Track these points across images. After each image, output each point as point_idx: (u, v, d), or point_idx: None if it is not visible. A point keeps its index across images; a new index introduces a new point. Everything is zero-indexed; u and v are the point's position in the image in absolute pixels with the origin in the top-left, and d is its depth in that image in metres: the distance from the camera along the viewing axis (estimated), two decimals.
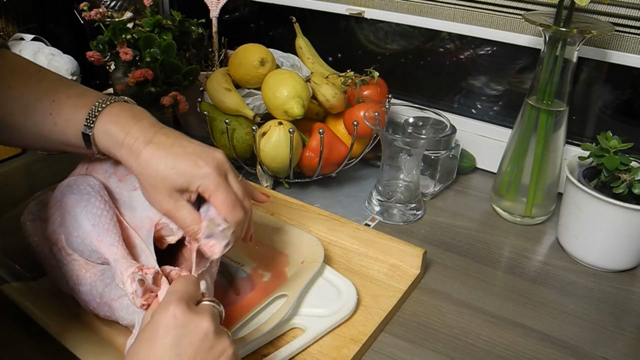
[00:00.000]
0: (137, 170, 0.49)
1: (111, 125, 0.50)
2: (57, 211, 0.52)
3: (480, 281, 0.66)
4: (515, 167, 0.75)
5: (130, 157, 0.49)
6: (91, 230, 0.49)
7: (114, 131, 0.49)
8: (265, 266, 0.62)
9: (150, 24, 0.86)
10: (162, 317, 0.40)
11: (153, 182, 0.48)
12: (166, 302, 0.41)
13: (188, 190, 0.49)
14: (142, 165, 0.49)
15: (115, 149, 0.50)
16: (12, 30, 0.97)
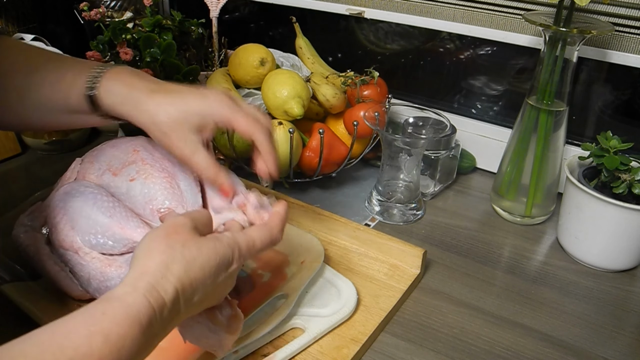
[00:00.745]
0: (146, 121, 0.48)
1: (115, 82, 0.50)
2: (64, 217, 0.52)
3: (480, 281, 0.66)
4: (515, 167, 0.75)
5: (137, 110, 0.49)
6: (109, 221, 0.50)
7: (118, 87, 0.50)
8: (265, 266, 0.62)
9: (150, 24, 0.86)
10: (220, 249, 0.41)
11: (166, 129, 0.48)
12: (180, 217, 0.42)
13: (205, 128, 0.49)
14: (151, 114, 0.48)
15: (121, 105, 0.49)
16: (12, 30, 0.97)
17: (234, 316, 0.47)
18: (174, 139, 0.48)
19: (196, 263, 0.39)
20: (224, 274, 0.41)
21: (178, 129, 0.48)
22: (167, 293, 0.37)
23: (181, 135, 0.48)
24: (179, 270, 0.38)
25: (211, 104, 0.49)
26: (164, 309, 0.36)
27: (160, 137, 0.49)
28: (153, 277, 0.37)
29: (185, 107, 0.49)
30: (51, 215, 0.53)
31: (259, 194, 0.51)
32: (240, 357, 0.50)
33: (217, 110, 0.49)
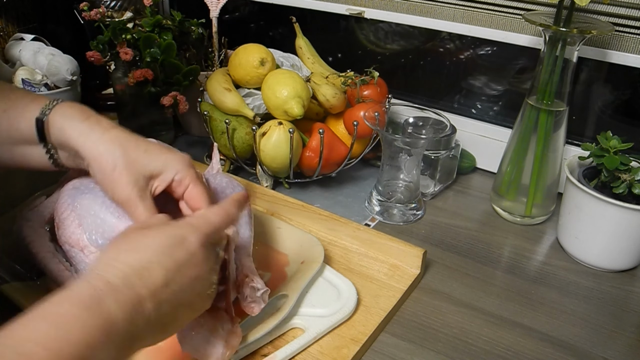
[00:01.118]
0: (97, 153, 0.45)
1: (70, 110, 0.48)
2: (72, 213, 0.52)
3: (480, 281, 0.66)
4: (515, 167, 0.75)
5: (90, 139, 0.46)
6: (117, 222, 0.49)
7: (74, 114, 0.47)
8: (265, 266, 0.62)
9: (150, 24, 0.86)
10: (184, 239, 0.40)
11: (119, 162, 0.45)
12: (196, 229, 0.41)
13: (159, 177, 0.47)
14: (106, 146, 0.45)
15: (73, 130, 0.47)
16: (12, 30, 0.97)
17: (234, 332, 0.47)
18: (123, 176, 0.45)
19: (141, 243, 0.38)
20: (179, 250, 0.39)
21: (128, 170, 0.45)
22: (110, 273, 0.35)
23: (133, 175, 0.45)
24: (125, 254, 0.37)
25: (175, 157, 0.48)
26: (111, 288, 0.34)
27: (108, 173, 0.45)
28: (98, 265, 0.36)
29: (146, 148, 0.47)
30: (59, 211, 0.53)
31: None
32: (240, 357, 0.50)
33: (180, 167, 0.47)
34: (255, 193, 0.76)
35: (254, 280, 0.50)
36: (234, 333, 0.47)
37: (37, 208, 0.58)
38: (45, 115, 0.48)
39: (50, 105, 0.49)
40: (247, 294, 0.49)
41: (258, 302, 0.50)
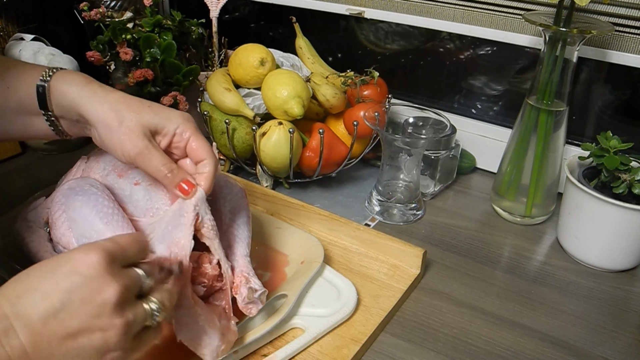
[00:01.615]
0: (102, 111, 0.46)
1: (71, 76, 0.49)
2: (63, 214, 0.52)
3: (480, 281, 0.66)
4: (515, 167, 0.75)
5: (95, 100, 0.46)
6: (105, 228, 0.49)
7: (75, 79, 0.48)
8: (265, 266, 0.62)
9: (150, 24, 0.86)
10: (77, 257, 0.35)
11: (125, 118, 0.46)
12: (94, 246, 0.36)
13: (162, 133, 0.47)
14: (111, 104, 0.46)
15: (75, 94, 0.47)
16: (12, 30, 0.97)
17: (230, 329, 0.47)
18: (131, 131, 0.45)
19: (31, 271, 0.35)
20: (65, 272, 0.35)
21: (133, 125, 0.46)
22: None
23: (139, 129, 0.46)
24: (9, 285, 0.34)
25: (175, 113, 0.48)
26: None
27: (115, 129, 0.46)
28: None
29: (150, 104, 0.47)
30: (52, 210, 0.53)
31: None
32: (240, 357, 0.50)
33: (181, 121, 0.48)
34: (255, 193, 0.76)
35: (252, 281, 0.50)
36: (230, 329, 0.47)
37: (37, 208, 0.58)
38: (46, 82, 0.48)
39: (49, 72, 0.49)
40: (244, 295, 0.49)
41: (256, 303, 0.49)
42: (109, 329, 0.35)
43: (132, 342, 0.37)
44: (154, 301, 0.39)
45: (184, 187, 0.47)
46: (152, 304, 0.38)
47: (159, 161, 0.46)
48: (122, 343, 0.36)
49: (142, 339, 0.38)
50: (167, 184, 0.47)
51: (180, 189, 0.47)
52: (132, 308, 0.37)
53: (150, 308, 0.38)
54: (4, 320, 0.32)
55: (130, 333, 0.36)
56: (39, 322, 0.33)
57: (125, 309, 0.36)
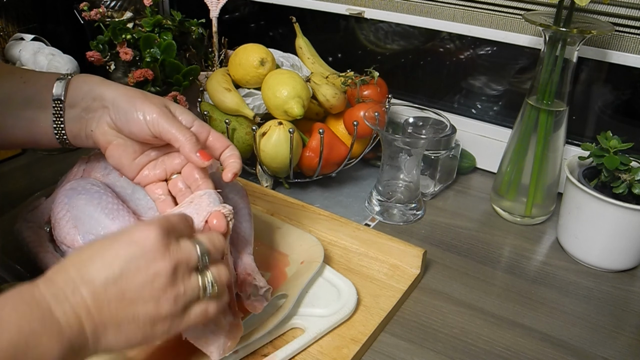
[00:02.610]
0: (124, 89, 0.50)
1: (91, 75, 0.52)
2: (67, 214, 0.52)
3: (480, 281, 0.66)
4: (515, 167, 0.75)
5: (115, 84, 0.51)
6: (111, 224, 0.50)
7: (94, 77, 0.52)
8: (265, 266, 0.62)
9: (150, 24, 0.86)
10: (137, 229, 0.39)
11: (147, 94, 0.49)
12: (152, 222, 0.39)
13: (180, 119, 0.50)
14: (133, 88, 0.50)
15: (97, 79, 0.51)
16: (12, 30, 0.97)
17: (236, 325, 0.47)
18: (154, 102, 0.49)
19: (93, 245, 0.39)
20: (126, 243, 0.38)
21: (152, 99, 0.49)
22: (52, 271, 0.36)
23: (155, 101, 0.49)
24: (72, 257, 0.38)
25: (190, 113, 0.52)
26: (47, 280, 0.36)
27: (138, 99, 0.49)
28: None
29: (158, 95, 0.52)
30: (55, 211, 0.53)
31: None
32: (240, 357, 0.50)
33: (198, 119, 0.52)
34: (255, 193, 0.76)
35: (256, 278, 0.50)
36: (236, 326, 0.47)
37: (37, 209, 0.58)
38: (67, 78, 0.52)
39: (70, 74, 0.53)
40: (249, 292, 0.50)
41: (260, 300, 0.50)
42: (161, 298, 0.38)
43: (183, 314, 0.39)
44: (208, 276, 0.41)
45: (205, 153, 0.49)
46: (207, 278, 0.41)
47: (180, 124, 0.49)
48: (171, 313, 0.38)
49: (193, 312, 0.40)
50: (188, 148, 0.48)
51: (201, 154, 0.48)
52: (185, 281, 0.39)
53: (204, 282, 0.41)
54: (71, 282, 0.36)
55: (180, 305, 0.39)
56: (101, 287, 0.36)
57: (178, 281, 0.39)
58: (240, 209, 0.57)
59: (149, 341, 0.39)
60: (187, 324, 0.40)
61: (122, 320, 0.37)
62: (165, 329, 0.39)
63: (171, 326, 0.39)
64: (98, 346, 0.37)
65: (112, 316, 0.36)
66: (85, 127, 0.52)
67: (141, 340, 0.38)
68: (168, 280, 0.38)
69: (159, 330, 0.39)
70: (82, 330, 0.35)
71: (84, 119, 0.52)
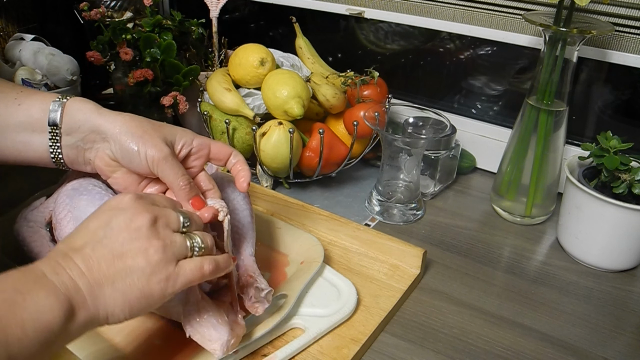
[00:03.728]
0: (123, 121, 0.48)
1: (87, 100, 0.51)
2: (68, 214, 0.52)
3: (480, 281, 0.66)
4: (515, 167, 0.75)
5: (113, 114, 0.50)
6: None
7: (91, 102, 0.51)
8: (265, 266, 0.62)
9: (150, 24, 0.86)
10: (113, 199, 0.42)
11: (147, 128, 0.48)
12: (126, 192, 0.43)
13: (181, 143, 0.50)
14: (131, 116, 0.49)
15: (93, 109, 0.50)
16: (12, 30, 0.97)
17: (238, 323, 0.48)
18: (155, 136, 0.48)
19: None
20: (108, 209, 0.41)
21: (156, 133, 0.48)
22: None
23: (159, 138, 0.48)
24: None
25: (191, 132, 0.52)
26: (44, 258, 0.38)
27: (137, 135, 0.48)
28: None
29: (165, 124, 0.51)
30: (56, 211, 0.53)
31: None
32: (240, 357, 0.50)
33: (197, 136, 0.51)
34: (256, 193, 0.76)
35: (258, 280, 0.50)
36: (238, 324, 0.48)
37: (38, 208, 0.58)
38: (62, 102, 0.50)
39: (66, 97, 0.51)
40: (251, 294, 0.49)
41: (262, 302, 0.50)
42: (147, 248, 0.40)
43: (176, 267, 0.41)
44: (193, 236, 0.43)
45: (197, 200, 0.49)
46: (192, 238, 0.43)
47: (179, 170, 0.48)
48: (163, 264, 0.40)
49: (184, 268, 0.41)
50: (181, 196, 0.49)
51: (193, 202, 0.49)
52: (169, 235, 0.41)
53: (191, 241, 0.42)
54: (61, 253, 0.39)
55: (169, 254, 0.41)
56: (88, 249, 0.39)
57: (160, 233, 0.41)
58: (242, 210, 0.57)
59: (147, 300, 0.40)
60: (184, 279, 0.41)
61: (115, 277, 0.38)
62: (161, 284, 0.40)
63: (168, 279, 0.40)
64: (97, 306, 0.38)
65: (105, 274, 0.38)
66: (83, 154, 0.51)
67: (139, 297, 0.39)
68: (149, 232, 0.40)
69: (154, 285, 0.40)
70: (77, 289, 0.37)
71: (82, 147, 0.51)
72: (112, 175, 0.51)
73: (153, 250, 0.40)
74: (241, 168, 0.52)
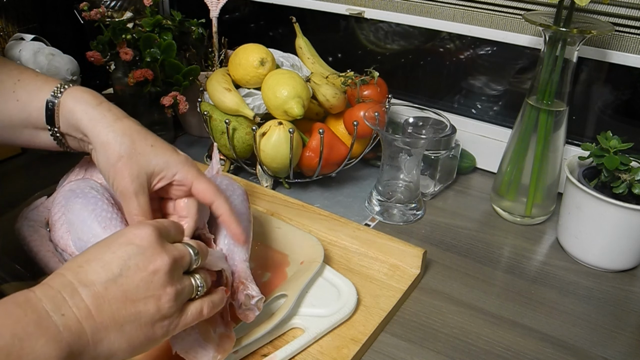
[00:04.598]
0: (105, 139, 0.46)
1: (82, 94, 0.49)
2: (62, 216, 0.52)
3: (480, 281, 0.66)
4: (515, 167, 0.75)
5: (101, 124, 0.47)
6: (102, 232, 0.49)
7: (86, 98, 0.48)
8: (265, 266, 0.62)
9: (150, 24, 0.86)
10: (131, 231, 0.39)
11: (124, 153, 0.46)
12: (145, 222, 0.40)
13: (160, 175, 0.47)
14: (115, 133, 0.46)
15: (83, 114, 0.47)
16: (12, 30, 0.97)
17: (227, 336, 0.47)
18: (127, 168, 0.46)
19: (90, 248, 0.39)
20: (122, 243, 0.39)
21: (135, 161, 0.46)
22: (49, 277, 0.36)
23: (135, 169, 0.46)
24: (70, 262, 0.38)
25: (178, 157, 0.48)
26: (43, 285, 0.35)
27: (112, 161, 0.46)
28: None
29: (153, 143, 0.47)
30: (52, 212, 0.53)
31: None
32: (240, 357, 0.50)
33: (180, 168, 0.48)
34: (255, 193, 0.76)
35: (249, 287, 0.49)
36: (227, 337, 0.47)
37: (38, 208, 0.58)
38: (57, 98, 0.49)
39: (61, 88, 0.49)
40: (241, 301, 0.49)
41: (252, 309, 0.49)
42: (161, 296, 0.38)
43: (181, 313, 0.40)
44: (197, 277, 0.42)
45: None
46: (197, 278, 0.42)
47: (136, 209, 0.46)
48: (172, 311, 0.39)
49: (190, 310, 0.41)
50: None
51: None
52: (181, 279, 0.40)
53: (196, 282, 0.42)
54: (69, 285, 0.35)
55: (179, 302, 0.40)
56: (101, 286, 0.36)
57: (175, 279, 0.39)
58: (239, 213, 0.56)
59: (149, 344, 0.39)
60: (184, 324, 0.41)
61: (124, 321, 0.37)
62: (164, 329, 0.39)
63: (170, 326, 0.39)
64: (100, 351, 0.36)
65: (114, 316, 0.36)
66: (84, 146, 0.52)
67: (143, 342, 0.38)
68: (167, 278, 0.39)
69: (158, 330, 0.39)
70: (82, 332, 0.35)
71: (83, 143, 0.51)
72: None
73: (166, 299, 0.38)
74: (230, 223, 0.48)
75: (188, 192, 0.49)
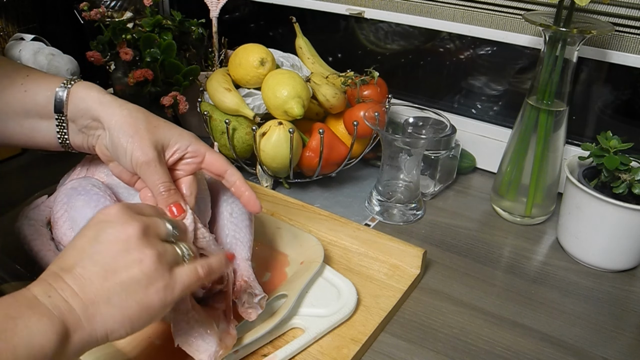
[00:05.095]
0: (120, 115, 0.48)
1: (91, 85, 0.51)
2: (65, 214, 0.52)
3: (480, 281, 0.66)
4: (515, 167, 0.75)
5: (114, 105, 0.49)
6: None
7: (96, 86, 0.51)
8: (265, 266, 0.62)
9: (150, 24, 0.86)
10: (100, 211, 0.41)
11: (141, 127, 0.48)
12: (114, 204, 0.42)
13: (174, 148, 0.49)
14: (130, 111, 0.49)
15: (95, 97, 0.50)
16: (12, 30, 0.97)
17: (229, 333, 0.47)
18: (146, 139, 0.47)
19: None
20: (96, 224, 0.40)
21: (152, 132, 0.48)
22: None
23: (153, 139, 0.48)
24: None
25: (188, 134, 0.51)
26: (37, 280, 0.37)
27: (130, 133, 0.48)
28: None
29: (164, 121, 0.50)
30: (54, 209, 0.53)
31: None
32: (240, 357, 0.50)
33: (195, 141, 0.51)
34: (255, 193, 0.75)
35: (252, 285, 0.50)
36: (229, 334, 0.47)
37: (39, 207, 0.58)
38: (67, 88, 0.50)
39: (72, 81, 0.51)
40: (244, 300, 0.49)
41: (255, 308, 0.50)
42: (142, 259, 0.38)
43: (172, 275, 0.40)
44: (181, 245, 0.42)
45: (173, 211, 0.48)
46: (182, 246, 0.42)
47: (160, 177, 0.48)
48: (160, 272, 0.39)
49: (180, 274, 0.40)
50: (160, 201, 0.48)
51: (170, 211, 0.48)
52: (160, 243, 0.40)
53: (181, 249, 0.42)
54: (52, 274, 0.37)
55: (164, 263, 0.39)
56: (79, 267, 0.37)
57: (152, 242, 0.40)
58: (240, 213, 0.57)
59: (148, 313, 0.39)
60: (182, 285, 0.40)
61: (110, 293, 0.37)
62: (160, 294, 0.39)
63: (166, 290, 0.39)
64: (95, 326, 0.37)
65: (98, 291, 0.37)
66: (87, 140, 0.52)
67: (138, 311, 0.38)
68: (142, 241, 0.39)
69: (154, 296, 0.38)
70: (71, 310, 0.36)
71: (86, 134, 0.52)
72: (110, 164, 0.52)
73: (147, 260, 0.38)
74: (245, 189, 0.52)
75: (198, 166, 0.51)
